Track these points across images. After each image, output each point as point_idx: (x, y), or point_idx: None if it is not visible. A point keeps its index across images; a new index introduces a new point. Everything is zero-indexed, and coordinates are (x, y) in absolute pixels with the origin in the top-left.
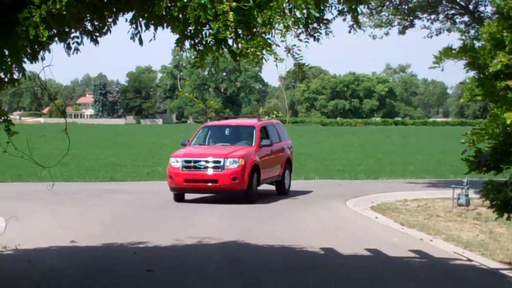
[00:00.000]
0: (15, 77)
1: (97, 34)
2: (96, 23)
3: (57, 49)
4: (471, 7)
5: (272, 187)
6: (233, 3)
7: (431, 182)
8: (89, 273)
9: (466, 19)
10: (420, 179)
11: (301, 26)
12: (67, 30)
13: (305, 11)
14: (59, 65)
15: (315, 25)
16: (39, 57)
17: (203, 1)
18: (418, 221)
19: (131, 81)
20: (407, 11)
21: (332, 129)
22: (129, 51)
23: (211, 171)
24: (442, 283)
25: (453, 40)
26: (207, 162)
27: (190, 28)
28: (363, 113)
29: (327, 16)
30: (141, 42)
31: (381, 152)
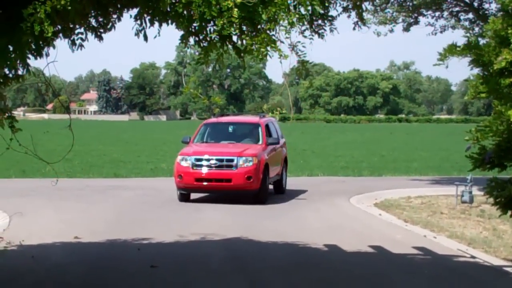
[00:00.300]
0: (19, 73)
1: (102, 30)
2: (100, 19)
3: (61, 45)
4: (476, 4)
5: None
6: (238, 0)
7: (435, 179)
8: (93, 269)
9: (470, 16)
10: (423, 176)
11: (306, 22)
12: (71, 26)
13: (309, 8)
14: (63, 61)
15: (320, 21)
16: (44, 53)
17: None
18: (421, 218)
19: (135, 77)
20: (412, 8)
21: (336, 126)
22: (133, 47)
23: (224, 170)
24: (445, 280)
25: (457, 37)
26: (221, 160)
27: (194, 24)
28: (367, 110)
29: (332, 12)
30: (146, 38)
31: (384, 149)
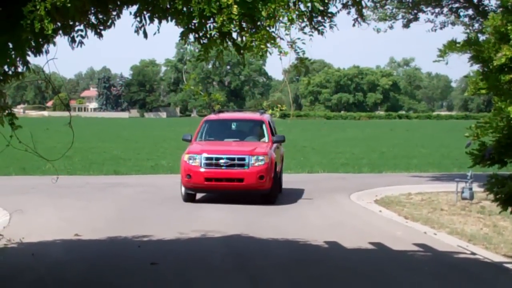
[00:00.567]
0: (19, 70)
1: (101, 27)
2: (100, 16)
3: (61, 42)
4: (475, 0)
5: None
6: None
7: (435, 175)
8: (93, 267)
9: (470, 12)
10: (424, 173)
11: (305, 19)
12: (71, 23)
13: (309, 5)
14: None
15: (319, 18)
16: (43, 50)
17: None
18: (422, 214)
19: (135, 74)
20: (411, 4)
21: (336, 122)
22: (133, 44)
23: (236, 169)
24: (446, 277)
25: (457, 33)
26: (232, 159)
27: (194, 21)
28: (367, 107)
29: (331, 9)
30: (146, 35)
31: (385, 145)
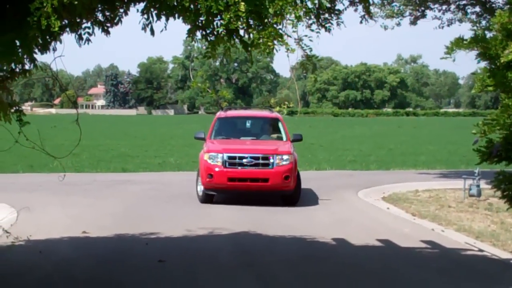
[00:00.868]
0: (26, 67)
1: (108, 24)
2: (107, 14)
3: (68, 39)
4: None
5: None
6: None
7: (443, 172)
8: (101, 264)
9: (477, 9)
10: (431, 170)
11: (313, 16)
12: (78, 20)
13: (316, 2)
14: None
15: (326, 15)
16: (50, 47)
17: None
18: (429, 211)
19: (143, 71)
20: (419, 1)
21: (343, 119)
22: (140, 41)
23: (260, 169)
24: (453, 273)
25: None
26: (256, 158)
27: (201, 18)
28: (375, 104)
29: (338, 6)
30: (153, 32)
31: (392, 142)
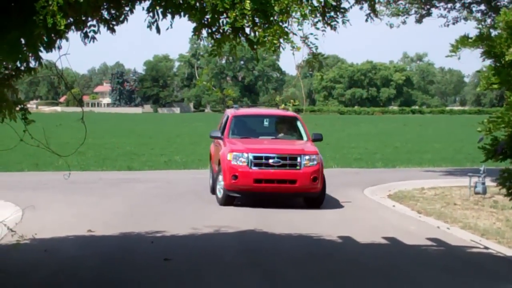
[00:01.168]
0: (32, 65)
1: (114, 22)
2: (113, 12)
3: (73, 37)
4: None
5: None
6: None
7: (448, 170)
8: (106, 262)
9: (482, 8)
10: (437, 168)
11: (318, 14)
12: (84, 18)
13: (322, 0)
14: (76, 53)
15: (332, 13)
16: (56, 45)
17: None
18: (435, 209)
19: (149, 69)
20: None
21: (349, 117)
22: (146, 39)
23: (287, 170)
24: (459, 271)
25: (469, 28)
26: (283, 158)
27: (207, 16)
28: (381, 102)
29: (344, 4)
30: (158, 30)
31: (398, 140)
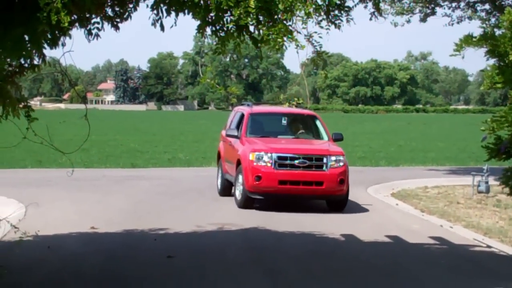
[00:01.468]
0: (35, 62)
1: (118, 20)
2: (116, 9)
3: (77, 34)
4: None
5: None
6: None
7: (452, 169)
8: (109, 259)
9: (487, 7)
10: (440, 166)
11: (322, 13)
12: (87, 15)
13: None
14: (80, 51)
15: (336, 12)
16: (60, 42)
17: None
18: (438, 208)
19: (153, 67)
20: None
21: (353, 116)
22: (150, 37)
23: (313, 171)
24: (461, 270)
25: (474, 28)
26: (309, 159)
27: (211, 14)
28: (385, 100)
29: (348, 3)
30: (162, 28)
31: (402, 139)
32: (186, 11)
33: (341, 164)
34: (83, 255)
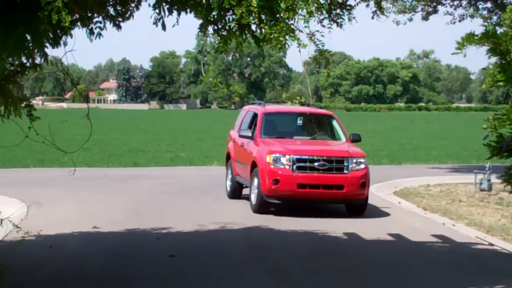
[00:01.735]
0: (37, 62)
1: (120, 19)
2: (118, 8)
3: (80, 34)
4: None
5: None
6: None
7: (454, 167)
8: (112, 259)
9: (489, 5)
10: (443, 164)
11: (324, 12)
12: (89, 15)
13: None
14: (82, 50)
15: (338, 11)
16: (62, 42)
17: None
18: (440, 206)
19: (155, 66)
20: None
21: (356, 114)
22: (153, 36)
23: (334, 174)
24: (464, 268)
25: (475, 26)
26: (329, 161)
27: (213, 13)
28: (387, 99)
29: (350, 2)
30: (164, 27)
31: (404, 137)
32: (188, 10)
33: (363, 166)
34: (85, 254)
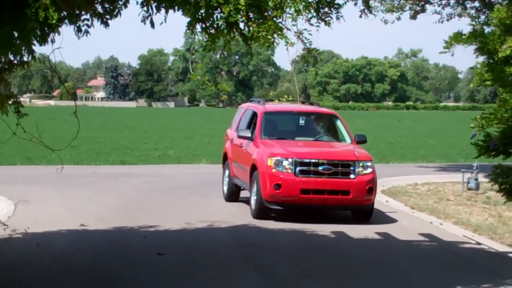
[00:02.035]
0: (25, 59)
1: (108, 16)
2: (106, 6)
3: (67, 31)
4: None
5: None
6: None
7: (442, 166)
8: (99, 257)
9: (476, 4)
10: (430, 163)
11: (312, 10)
12: (77, 12)
13: None
14: (70, 47)
15: (326, 9)
16: (49, 39)
17: None
18: (428, 204)
19: (143, 63)
20: None
21: (344, 113)
22: (141, 33)
23: (339, 179)
24: (451, 266)
25: (463, 25)
26: (335, 165)
27: (201, 11)
28: (375, 97)
29: (338, 0)
30: (153, 25)
31: (392, 136)
32: (176, 8)
33: (370, 170)
34: (72, 252)
